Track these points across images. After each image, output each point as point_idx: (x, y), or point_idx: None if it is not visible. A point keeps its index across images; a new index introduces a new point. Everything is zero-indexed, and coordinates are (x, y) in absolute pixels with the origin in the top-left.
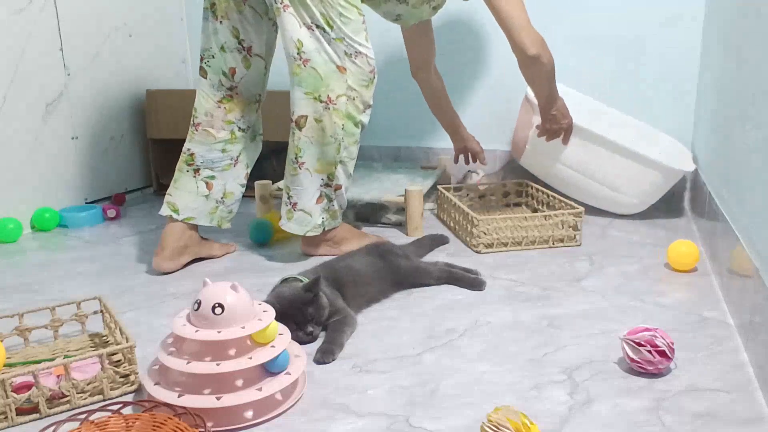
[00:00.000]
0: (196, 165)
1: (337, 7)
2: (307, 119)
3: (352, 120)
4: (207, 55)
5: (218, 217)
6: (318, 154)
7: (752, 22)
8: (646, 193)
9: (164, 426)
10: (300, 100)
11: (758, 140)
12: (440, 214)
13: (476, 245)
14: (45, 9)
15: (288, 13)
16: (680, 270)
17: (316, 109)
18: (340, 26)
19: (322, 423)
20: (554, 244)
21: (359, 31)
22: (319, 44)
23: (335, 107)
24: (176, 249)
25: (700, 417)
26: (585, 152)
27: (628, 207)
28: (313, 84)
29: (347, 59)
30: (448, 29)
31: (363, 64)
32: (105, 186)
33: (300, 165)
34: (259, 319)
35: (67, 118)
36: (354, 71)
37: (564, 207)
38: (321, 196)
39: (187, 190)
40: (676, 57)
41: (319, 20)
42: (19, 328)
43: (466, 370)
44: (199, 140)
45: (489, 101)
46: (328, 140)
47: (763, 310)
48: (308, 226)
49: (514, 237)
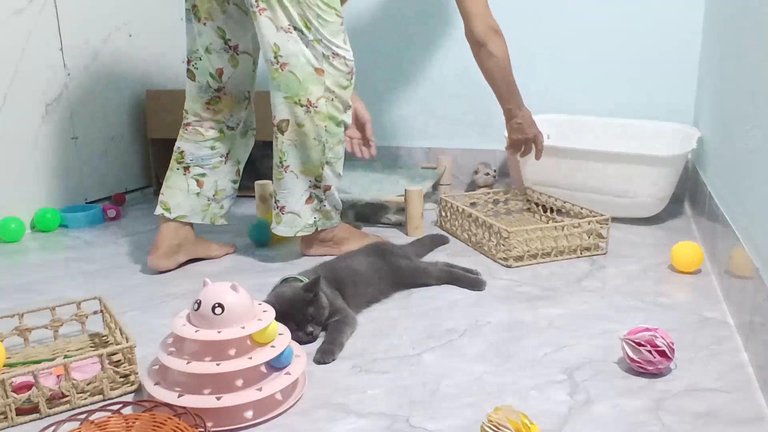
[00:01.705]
0: (186, 163)
1: (315, 8)
2: (289, 123)
3: (333, 120)
4: (194, 57)
5: (210, 214)
6: (302, 156)
7: (752, 22)
8: (660, 188)
9: (164, 426)
10: (280, 104)
11: (758, 140)
12: (444, 224)
13: (505, 259)
14: (45, 9)
15: (264, 17)
16: (684, 271)
17: (296, 112)
18: (317, 28)
19: (322, 423)
20: (581, 254)
21: (337, 33)
22: (296, 47)
23: (316, 110)
24: (171, 247)
25: (700, 417)
26: (582, 171)
27: (649, 207)
28: (292, 88)
29: (325, 61)
30: (449, 29)
31: (341, 65)
32: (105, 186)
33: (285, 168)
34: (259, 319)
35: (67, 118)
36: (332, 73)
37: (588, 215)
38: (311, 197)
39: (178, 188)
40: (676, 57)
41: (296, 22)
42: (19, 328)
43: (466, 370)
44: (188, 138)
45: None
46: (312, 143)
47: (763, 310)
48: (298, 226)
49: (544, 248)
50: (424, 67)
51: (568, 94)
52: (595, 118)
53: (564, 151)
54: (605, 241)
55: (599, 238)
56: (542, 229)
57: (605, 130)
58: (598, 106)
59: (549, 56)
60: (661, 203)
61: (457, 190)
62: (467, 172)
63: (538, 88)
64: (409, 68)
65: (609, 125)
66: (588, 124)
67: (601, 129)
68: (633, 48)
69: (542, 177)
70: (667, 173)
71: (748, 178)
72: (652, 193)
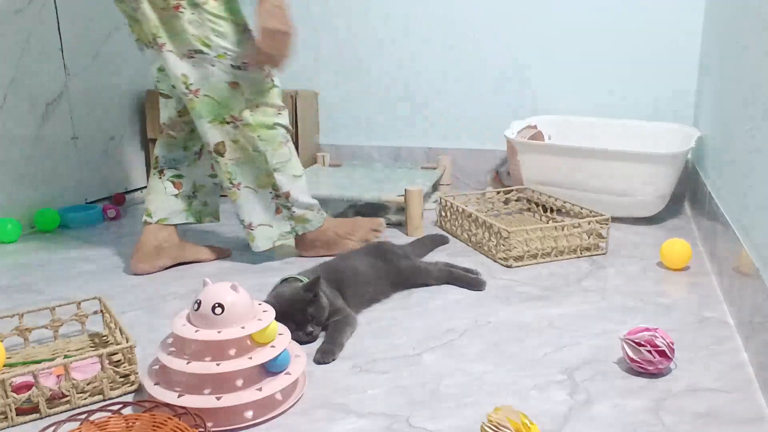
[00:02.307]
0: (160, 167)
1: (208, 24)
2: (224, 143)
3: (265, 126)
4: (157, 81)
5: (194, 211)
6: (251, 170)
7: (752, 22)
8: (660, 187)
9: (164, 426)
10: (209, 130)
11: (758, 140)
12: (444, 224)
13: (505, 259)
14: (45, 9)
15: (166, 51)
16: (673, 268)
17: (227, 131)
18: (218, 42)
19: (322, 423)
20: (581, 254)
21: (241, 41)
22: (203, 70)
23: (243, 123)
24: (150, 250)
25: (700, 417)
26: (582, 170)
27: (649, 206)
28: (213, 110)
29: (236, 72)
30: (449, 29)
31: (255, 71)
32: (105, 186)
33: (237, 186)
34: (259, 319)
35: (67, 118)
36: (248, 81)
37: (588, 215)
38: (278, 208)
39: (156, 192)
40: (676, 57)
41: (195, 45)
42: (19, 328)
43: (466, 370)
44: (162, 143)
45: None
46: (253, 155)
47: (763, 310)
48: (274, 236)
49: (544, 248)
50: (425, 67)
51: (567, 95)
52: (594, 119)
53: (564, 150)
54: (605, 241)
55: (599, 238)
56: (542, 229)
57: (605, 131)
58: (598, 106)
59: (549, 56)
60: (661, 202)
61: (457, 190)
62: (467, 172)
63: (537, 89)
64: (410, 68)
65: (609, 125)
66: (587, 125)
67: (600, 129)
68: (633, 48)
69: (542, 176)
70: (666, 171)
71: (748, 178)
72: (651, 192)
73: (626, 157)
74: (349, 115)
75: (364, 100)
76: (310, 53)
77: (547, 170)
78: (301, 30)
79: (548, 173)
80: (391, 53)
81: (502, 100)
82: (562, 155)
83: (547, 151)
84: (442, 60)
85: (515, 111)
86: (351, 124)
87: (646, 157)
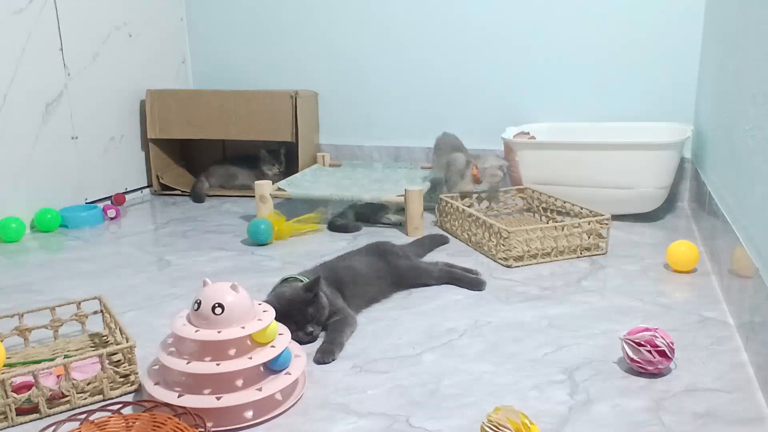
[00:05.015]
0: None
1: None
2: None
3: None
4: None
5: None
6: None
7: (752, 22)
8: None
9: (164, 426)
10: None
11: (758, 140)
12: (444, 224)
13: (505, 259)
14: (45, 9)
15: None
16: (680, 270)
17: None
18: None
19: (322, 423)
20: (581, 254)
21: None
22: None
23: None
24: None
25: (700, 417)
26: (581, 165)
27: (649, 200)
28: None
29: None
30: (450, 29)
31: None
32: (105, 186)
33: None
34: (259, 319)
35: (67, 118)
36: None
37: (588, 215)
38: None
39: None
40: (676, 57)
41: None
42: (19, 328)
43: (466, 370)
44: None
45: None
46: None
47: (763, 310)
48: None
49: (543, 248)
50: (425, 67)
51: (567, 95)
52: (587, 124)
53: (562, 144)
54: (605, 241)
55: (599, 238)
56: (542, 229)
57: (599, 133)
58: (598, 107)
59: (549, 56)
60: (661, 195)
61: None
62: None
63: (537, 89)
64: (410, 68)
65: (602, 128)
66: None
67: (594, 133)
68: (633, 49)
69: (541, 174)
70: (664, 161)
71: (748, 178)
72: (651, 183)
73: (624, 147)
74: (349, 115)
75: (364, 100)
76: (310, 53)
77: (545, 167)
78: (301, 29)
79: (547, 170)
80: (391, 54)
81: (501, 102)
82: (560, 150)
83: (545, 147)
84: (442, 60)
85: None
86: (351, 124)
87: (643, 146)
